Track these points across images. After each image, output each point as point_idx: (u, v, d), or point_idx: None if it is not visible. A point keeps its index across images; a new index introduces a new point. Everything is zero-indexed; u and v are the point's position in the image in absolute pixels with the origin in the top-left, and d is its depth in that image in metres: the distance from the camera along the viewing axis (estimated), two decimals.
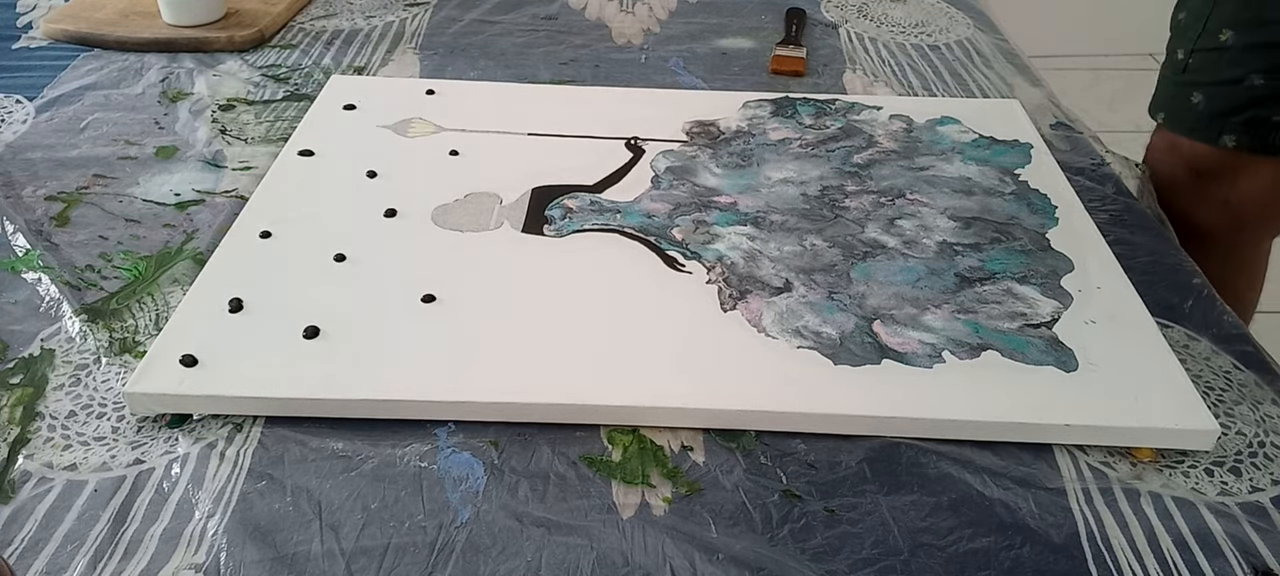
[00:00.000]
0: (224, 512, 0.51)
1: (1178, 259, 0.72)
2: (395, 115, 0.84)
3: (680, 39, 1.04)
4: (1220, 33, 0.92)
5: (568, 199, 0.74)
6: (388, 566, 0.49)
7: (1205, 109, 0.94)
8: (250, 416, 0.57)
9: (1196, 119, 0.95)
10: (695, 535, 0.51)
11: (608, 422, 0.57)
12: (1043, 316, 0.64)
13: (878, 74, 0.98)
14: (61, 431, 0.56)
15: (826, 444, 0.56)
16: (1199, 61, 0.94)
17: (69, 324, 0.63)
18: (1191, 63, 0.95)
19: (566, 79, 0.95)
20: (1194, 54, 0.95)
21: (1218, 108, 0.93)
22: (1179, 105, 0.96)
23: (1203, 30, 0.94)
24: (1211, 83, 0.93)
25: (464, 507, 0.52)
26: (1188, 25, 0.96)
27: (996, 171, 0.79)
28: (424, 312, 0.63)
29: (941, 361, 0.60)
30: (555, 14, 1.09)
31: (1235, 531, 0.52)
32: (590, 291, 0.65)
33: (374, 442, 0.55)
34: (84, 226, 0.72)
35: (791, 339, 0.61)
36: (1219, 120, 0.93)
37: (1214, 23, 0.93)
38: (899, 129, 0.85)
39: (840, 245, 0.70)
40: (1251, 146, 0.93)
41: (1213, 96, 0.93)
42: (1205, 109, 0.94)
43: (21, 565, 0.49)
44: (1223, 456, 0.56)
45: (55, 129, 0.84)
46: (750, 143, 0.82)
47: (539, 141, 0.82)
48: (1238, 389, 0.61)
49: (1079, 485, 0.54)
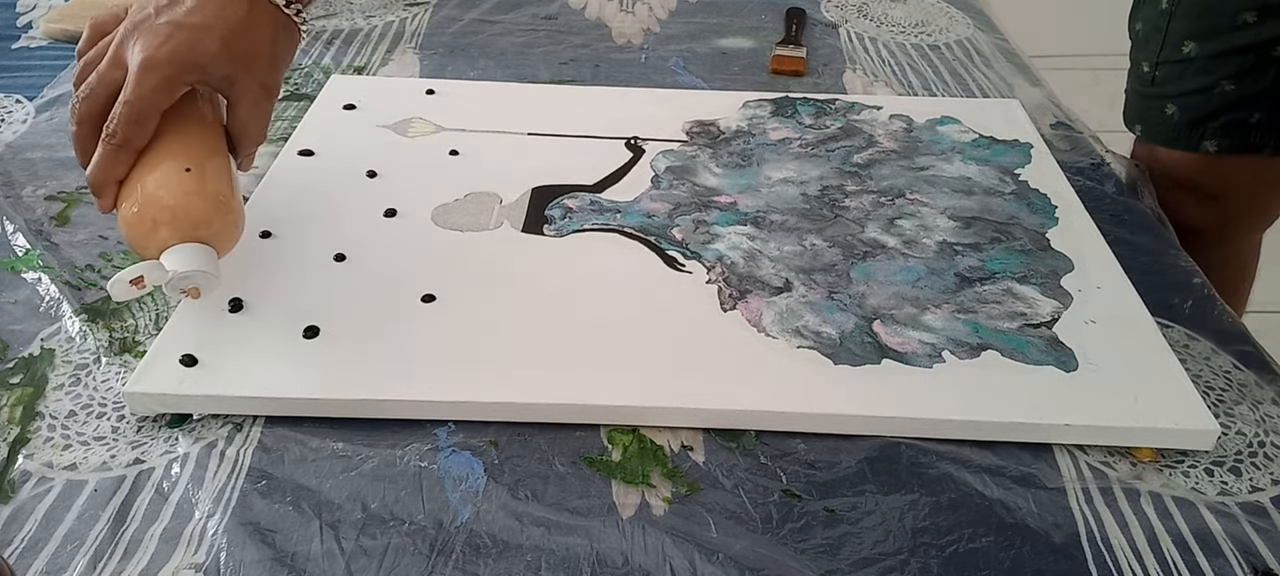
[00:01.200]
0: (224, 512, 0.51)
1: (1177, 259, 0.72)
2: (395, 115, 0.84)
3: (680, 39, 1.04)
4: (1182, 45, 0.92)
5: (568, 199, 0.74)
6: (388, 566, 0.49)
7: (1181, 119, 0.94)
8: (250, 416, 0.57)
9: (1174, 129, 0.94)
10: (695, 535, 0.51)
11: (608, 422, 0.57)
12: (1043, 316, 0.64)
13: (878, 74, 0.98)
14: (61, 431, 0.56)
15: (826, 444, 0.56)
16: (1166, 74, 0.94)
17: (69, 324, 0.63)
18: (1158, 75, 0.95)
19: (566, 79, 0.95)
20: (1160, 66, 0.94)
21: (1193, 116, 0.93)
22: (1154, 117, 0.96)
23: (1164, 43, 0.93)
24: (1183, 93, 0.93)
25: (464, 507, 0.52)
26: (1147, 37, 0.96)
27: (996, 171, 0.79)
28: (424, 312, 0.63)
29: (941, 361, 0.60)
30: (555, 14, 1.09)
31: (1235, 531, 0.52)
32: (590, 291, 0.65)
33: (374, 442, 0.55)
34: (84, 226, 0.72)
35: (791, 339, 0.61)
36: (1197, 128, 0.93)
37: (1174, 35, 0.92)
38: (899, 129, 0.85)
39: (840, 245, 0.70)
40: (1233, 148, 0.92)
41: (1186, 106, 0.93)
42: (1181, 119, 0.94)
43: (21, 565, 0.49)
44: (1223, 456, 0.56)
45: (55, 129, 0.84)
46: (750, 142, 0.82)
47: (539, 141, 0.82)
48: (1238, 389, 0.61)
49: (1079, 485, 0.54)
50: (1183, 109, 0.93)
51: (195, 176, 0.59)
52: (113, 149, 0.58)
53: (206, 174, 0.59)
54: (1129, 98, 1.00)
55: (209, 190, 0.59)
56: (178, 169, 0.59)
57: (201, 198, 0.58)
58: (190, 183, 0.58)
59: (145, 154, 0.59)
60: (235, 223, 0.60)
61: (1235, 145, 0.92)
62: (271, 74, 0.64)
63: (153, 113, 0.59)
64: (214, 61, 0.60)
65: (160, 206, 0.57)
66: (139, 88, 0.58)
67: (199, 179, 0.59)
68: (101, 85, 0.60)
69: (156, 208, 0.57)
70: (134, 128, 0.58)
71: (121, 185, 0.59)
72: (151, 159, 0.59)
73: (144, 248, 0.58)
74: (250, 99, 0.63)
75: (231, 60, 0.61)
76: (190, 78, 0.60)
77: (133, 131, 0.58)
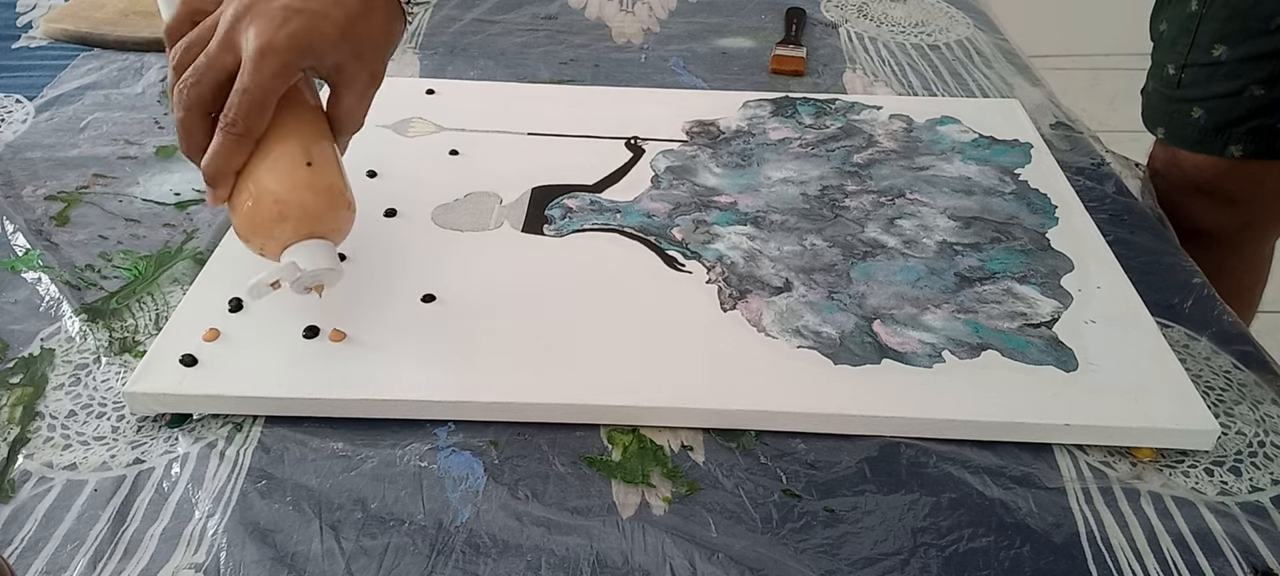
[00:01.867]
0: (224, 512, 0.51)
1: (1178, 259, 0.72)
2: (395, 115, 0.84)
3: (680, 38, 1.04)
4: (1212, 48, 0.91)
5: (568, 198, 0.74)
6: (388, 566, 0.49)
7: (1207, 122, 0.93)
8: (250, 416, 0.57)
9: (1199, 133, 0.94)
10: (695, 535, 0.51)
11: (608, 422, 0.57)
12: (1043, 316, 0.64)
13: (878, 74, 0.98)
14: (61, 431, 0.56)
15: (826, 443, 0.56)
16: (1193, 76, 0.93)
17: (69, 323, 0.63)
18: (1185, 78, 0.94)
19: (566, 79, 0.95)
20: (1186, 69, 0.93)
21: (1220, 120, 0.92)
22: (1178, 120, 0.95)
23: (1192, 45, 0.93)
24: (1210, 97, 0.92)
25: (464, 507, 0.52)
26: (1173, 39, 0.95)
27: (996, 171, 0.79)
28: (424, 312, 0.63)
29: (941, 361, 0.60)
30: (555, 13, 1.09)
31: (1235, 531, 0.52)
32: (590, 291, 0.65)
33: (374, 442, 0.55)
34: (84, 226, 0.72)
35: (791, 338, 0.61)
36: (1223, 132, 0.92)
37: (1203, 38, 0.92)
38: (899, 129, 0.85)
39: (840, 245, 0.70)
40: (1259, 153, 0.92)
41: (1214, 110, 0.92)
42: (1207, 122, 0.93)
43: (21, 565, 0.49)
44: (1223, 456, 0.56)
45: (55, 129, 0.84)
46: (750, 142, 0.82)
47: (539, 141, 0.82)
48: (1238, 389, 0.61)
49: (1079, 485, 0.54)
50: (1210, 112, 0.92)
51: (315, 170, 0.57)
52: (234, 138, 0.56)
53: (323, 167, 0.58)
54: (1151, 99, 0.99)
55: (328, 184, 0.58)
56: (298, 163, 0.57)
57: (320, 192, 0.57)
58: (310, 177, 0.57)
59: (259, 143, 0.57)
60: (351, 215, 0.59)
61: (1261, 150, 0.92)
62: (380, 63, 0.62)
63: (272, 100, 0.56)
64: (330, 48, 0.58)
65: (282, 202, 0.56)
66: (258, 74, 0.55)
67: (317, 172, 0.57)
68: (211, 70, 0.56)
69: (278, 203, 0.56)
70: (255, 117, 0.56)
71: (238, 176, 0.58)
72: (267, 150, 0.57)
73: (262, 243, 0.57)
74: (358, 87, 0.61)
75: (345, 47, 0.58)
76: (305, 64, 0.57)
77: (254, 121, 0.56)
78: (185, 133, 0.57)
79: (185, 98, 0.56)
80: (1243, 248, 1.01)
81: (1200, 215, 0.87)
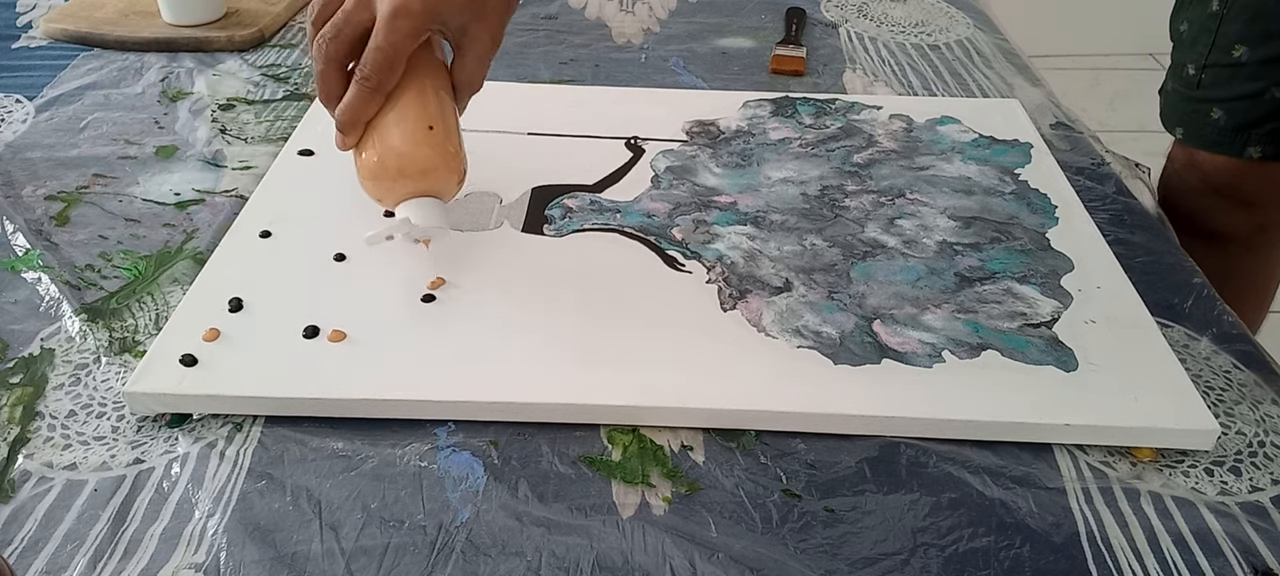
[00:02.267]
0: (224, 512, 0.51)
1: (1178, 259, 0.72)
2: None
3: (680, 38, 1.04)
4: (1233, 49, 0.90)
5: (568, 198, 0.74)
6: (388, 566, 0.49)
7: (1227, 123, 0.92)
8: (250, 416, 0.57)
9: (1218, 133, 0.93)
10: (695, 534, 0.51)
11: (608, 422, 0.57)
12: (1043, 316, 0.64)
13: (878, 73, 0.98)
14: (61, 431, 0.56)
15: (826, 443, 0.56)
16: (1213, 77, 0.93)
17: (69, 323, 0.63)
18: (1205, 78, 0.93)
19: (566, 78, 0.95)
20: (1207, 69, 0.93)
21: (1240, 121, 0.92)
22: (1197, 121, 0.95)
23: (1213, 45, 0.92)
24: (1230, 98, 0.92)
25: (464, 507, 0.52)
26: (1194, 38, 0.95)
27: (996, 171, 0.79)
28: (424, 312, 0.63)
29: (941, 361, 0.60)
30: (555, 13, 1.09)
31: (1235, 531, 0.52)
32: (590, 291, 0.65)
33: (374, 442, 0.55)
34: (84, 226, 0.72)
35: (791, 338, 0.61)
36: (1242, 133, 0.92)
37: (1224, 38, 0.91)
38: (899, 128, 0.85)
39: (840, 245, 0.70)
40: (1277, 155, 0.91)
41: (1233, 111, 0.92)
42: (1227, 123, 0.92)
43: (21, 564, 0.49)
44: (1223, 456, 0.56)
45: (55, 128, 0.84)
46: (750, 142, 0.82)
47: (539, 141, 0.82)
48: (1238, 389, 0.61)
49: (1079, 485, 0.54)
50: (1229, 113, 0.92)
51: (436, 133, 0.61)
52: (367, 91, 0.60)
53: (444, 128, 0.62)
54: (1170, 99, 0.99)
55: (446, 144, 0.62)
56: (422, 123, 0.61)
57: (439, 152, 0.61)
58: (432, 138, 0.61)
59: (388, 98, 0.61)
60: (463, 176, 0.63)
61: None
62: (501, 27, 0.65)
63: (403, 58, 0.60)
64: (457, 11, 0.62)
65: (404, 158, 0.61)
66: (391, 33, 0.59)
67: (438, 136, 0.61)
68: (349, 26, 0.60)
69: (400, 158, 0.61)
70: (387, 73, 0.60)
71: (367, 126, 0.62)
72: (395, 106, 0.61)
73: (380, 195, 0.63)
74: (478, 50, 0.64)
75: (471, 10, 0.62)
76: (434, 25, 0.61)
77: (386, 76, 0.60)
78: (323, 83, 0.62)
79: (324, 51, 0.61)
80: (1258, 249, 1.01)
81: (1217, 216, 0.87)
